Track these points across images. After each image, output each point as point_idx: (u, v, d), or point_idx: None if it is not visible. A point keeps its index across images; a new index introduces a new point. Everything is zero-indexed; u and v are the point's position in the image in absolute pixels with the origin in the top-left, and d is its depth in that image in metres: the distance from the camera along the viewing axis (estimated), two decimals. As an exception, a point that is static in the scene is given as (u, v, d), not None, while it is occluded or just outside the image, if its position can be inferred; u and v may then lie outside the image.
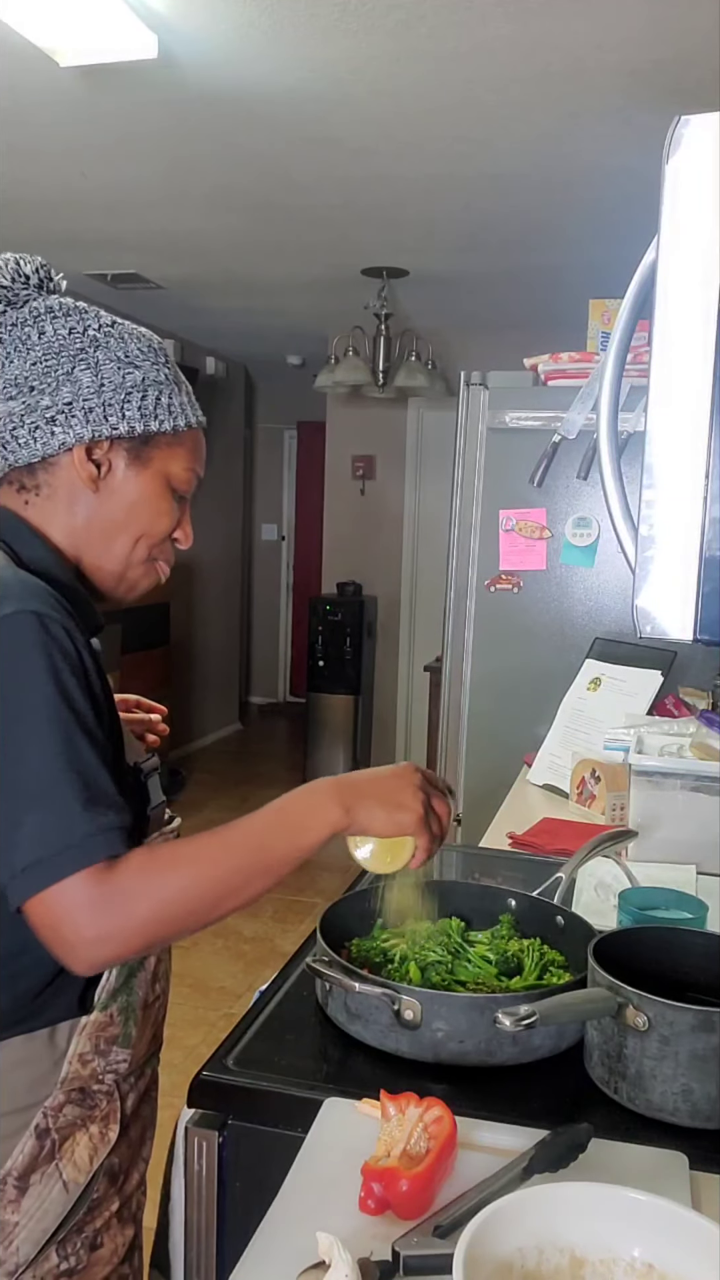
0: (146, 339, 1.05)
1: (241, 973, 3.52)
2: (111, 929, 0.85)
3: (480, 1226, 0.66)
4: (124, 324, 1.05)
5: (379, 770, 1.02)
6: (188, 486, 1.07)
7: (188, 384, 1.08)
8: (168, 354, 1.07)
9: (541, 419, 2.48)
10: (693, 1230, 0.68)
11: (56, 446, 1.00)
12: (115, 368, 1.01)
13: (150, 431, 1.02)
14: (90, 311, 1.04)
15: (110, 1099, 1.02)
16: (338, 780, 0.98)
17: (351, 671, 6.01)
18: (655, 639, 0.80)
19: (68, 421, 0.99)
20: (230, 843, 0.92)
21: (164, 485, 1.05)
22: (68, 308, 1.02)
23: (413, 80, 2.57)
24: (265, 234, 3.99)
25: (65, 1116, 0.98)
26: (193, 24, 2.31)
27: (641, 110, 2.68)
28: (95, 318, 1.03)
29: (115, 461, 1.02)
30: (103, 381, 1.00)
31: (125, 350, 1.02)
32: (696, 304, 0.76)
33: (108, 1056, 1.01)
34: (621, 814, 1.82)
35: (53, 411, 0.99)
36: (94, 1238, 1.02)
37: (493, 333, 5.29)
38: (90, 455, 1.01)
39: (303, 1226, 0.76)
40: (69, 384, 0.99)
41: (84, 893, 0.84)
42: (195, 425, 1.07)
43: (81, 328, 1.01)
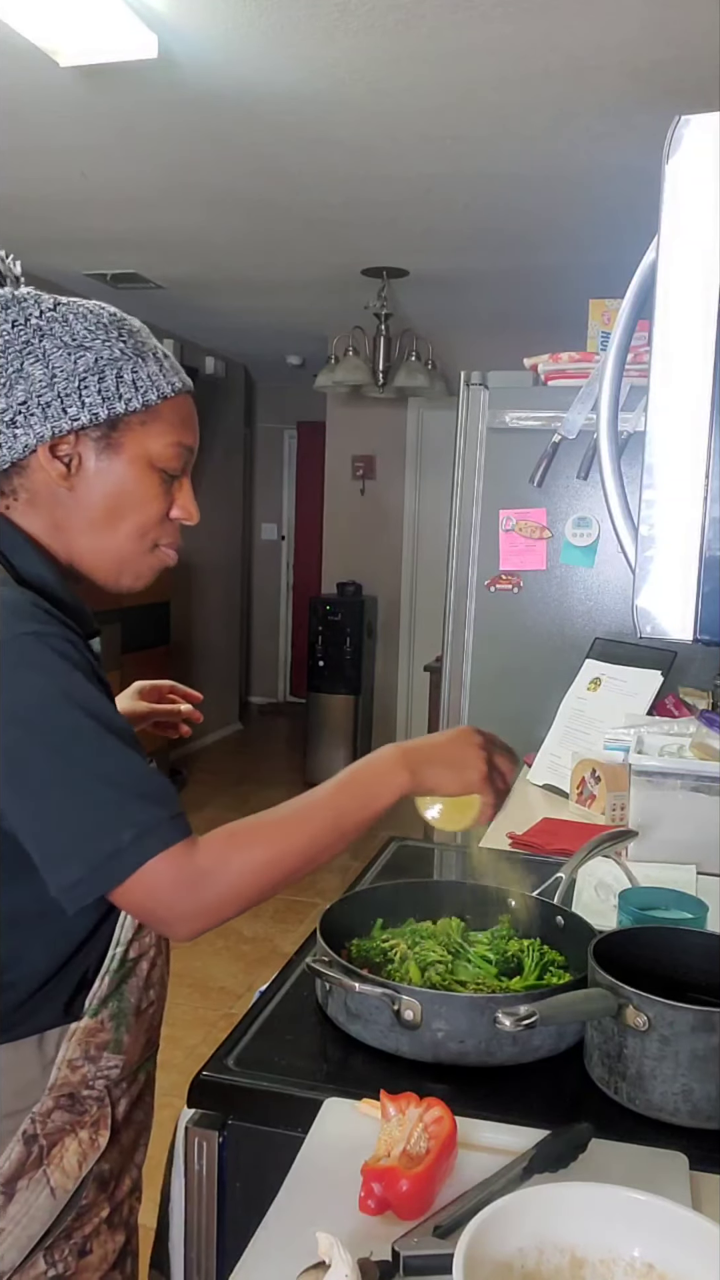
0: (94, 315, 0.98)
1: (241, 973, 3.52)
2: (203, 906, 0.89)
3: (480, 1227, 0.66)
4: (69, 303, 0.99)
5: (440, 734, 1.04)
6: (175, 461, 1.01)
7: (159, 348, 1.01)
8: (123, 325, 0.99)
9: (541, 419, 2.48)
10: (693, 1230, 0.68)
11: (21, 450, 0.96)
12: (64, 355, 0.95)
13: (116, 414, 0.96)
14: (30, 299, 0.98)
15: (101, 1105, 1.01)
16: (402, 746, 1.00)
17: (351, 671, 6.01)
18: (655, 639, 0.80)
19: (27, 422, 0.95)
20: (306, 814, 0.95)
21: (144, 467, 0.98)
22: (5, 299, 0.97)
23: (413, 80, 2.57)
24: (265, 234, 3.99)
25: (54, 1122, 0.97)
26: (193, 24, 2.31)
27: (641, 110, 2.68)
28: (35, 304, 0.97)
29: (84, 454, 0.97)
30: (54, 372, 0.94)
31: (72, 333, 0.96)
32: (697, 304, 0.75)
33: (98, 1062, 1.00)
34: (621, 814, 1.82)
35: (10, 414, 0.95)
36: (83, 1244, 1.00)
37: (493, 333, 5.29)
38: (55, 452, 0.96)
39: (303, 1226, 0.76)
40: (21, 382, 0.94)
41: (170, 874, 0.87)
42: (170, 394, 0.99)
43: (23, 318, 0.96)
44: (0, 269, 1.00)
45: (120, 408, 0.96)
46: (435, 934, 1.21)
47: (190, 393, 1.03)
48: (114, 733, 0.88)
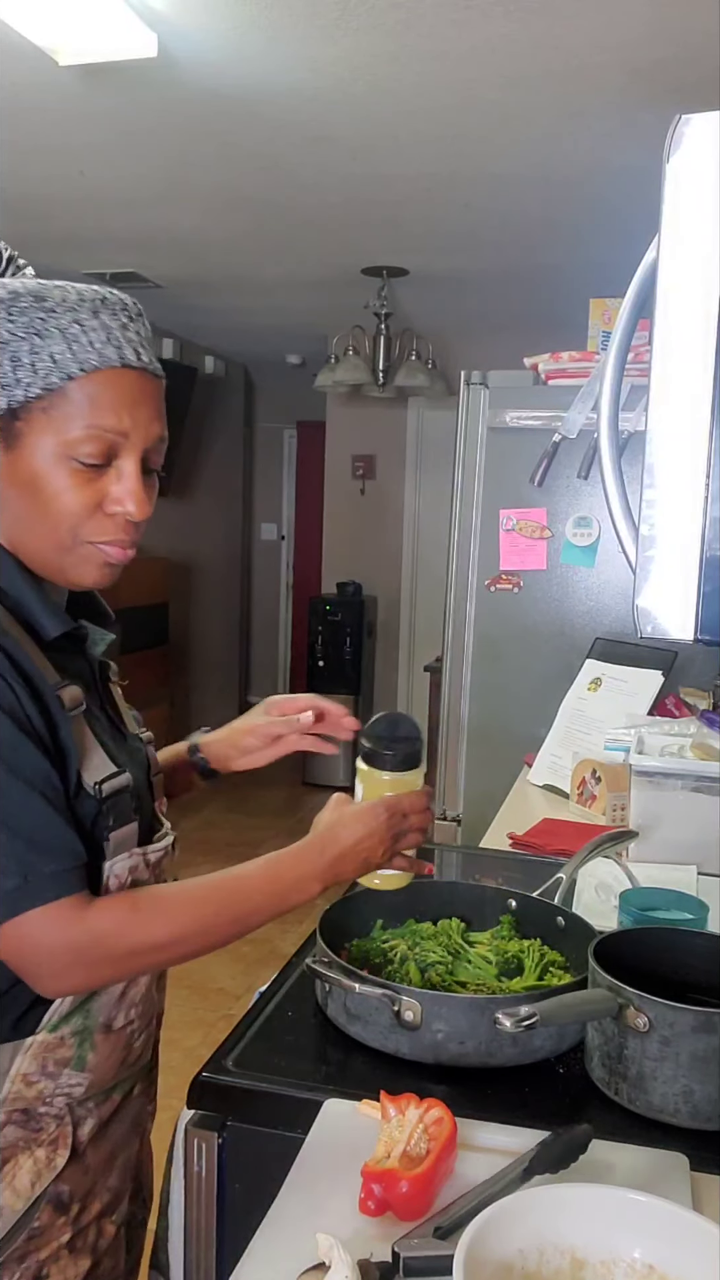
0: (8, 290, 0.89)
1: (241, 974, 3.51)
2: (82, 969, 0.88)
3: (481, 1228, 0.66)
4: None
5: (356, 823, 1.01)
6: (92, 447, 0.90)
7: (76, 324, 0.89)
8: (17, 303, 0.89)
9: (542, 418, 2.48)
10: (693, 1231, 0.68)
11: None
12: None
13: (17, 403, 0.88)
14: None
15: (60, 1123, 0.95)
16: (324, 856, 0.99)
17: (351, 671, 6.01)
18: (656, 639, 0.80)
19: None
20: (217, 900, 0.95)
21: (54, 457, 0.89)
22: None
23: (413, 79, 2.57)
24: (265, 233, 3.99)
25: (5, 1137, 0.93)
26: (193, 23, 2.31)
27: (642, 109, 2.67)
28: None
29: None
30: None
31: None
32: (697, 303, 0.75)
33: (57, 1079, 0.94)
34: (622, 814, 1.82)
35: None
36: (38, 1269, 0.95)
37: (493, 332, 5.29)
38: None
39: (302, 1228, 0.76)
40: None
41: (51, 931, 0.85)
42: (78, 372, 0.88)
43: None
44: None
45: (17, 394, 0.88)
46: (435, 935, 1.21)
47: (126, 366, 0.90)
48: (14, 772, 0.85)
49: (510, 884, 1.36)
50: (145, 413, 0.92)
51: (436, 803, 2.72)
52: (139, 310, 0.95)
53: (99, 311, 0.91)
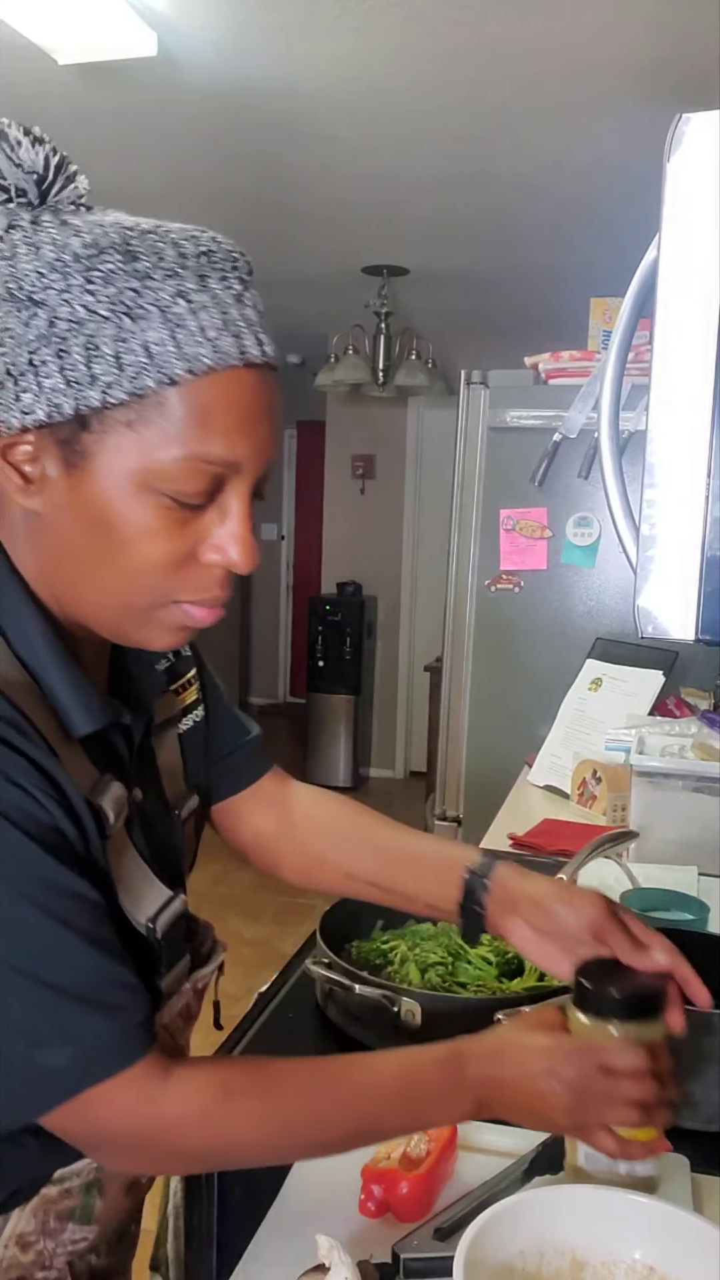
0: (53, 248, 0.63)
1: (241, 975, 3.50)
2: (152, 1155, 0.71)
3: (481, 1229, 0.66)
4: (34, 226, 0.64)
5: (539, 1059, 0.74)
6: (192, 482, 0.65)
7: (181, 299, 0.64)
8: (111, 260, 0.63)
9: (542, 418, 2.47)
10: (694, 1232, 0.68)
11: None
12: (12, 311, 0.63)
13: (87, 408, 0.63)
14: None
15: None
16: (472, 1083, 0.74)
17: (351, 671, 6.01)
18: (657, 639, 0.80)
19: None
20: (334, 1096, 0.72)
21: (135, 488, 0.65)
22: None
23: (413, 78, 2.57)
24: (265, 232, 3.99)
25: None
26: (192, 22, 2.30)
27: (642, 108, 2.67)
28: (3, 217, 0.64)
29: (47, 463, 0.66)
30: (1, 339, 0.63)
31: (19, 278, 0.63)
32: (698, 302, 0.75)
33: (59, 1236, 0.76)
34: (622, 815, 1.81)
35: None
36: None
37: (493, 331, 5.29)
38: (9, 458, 0.66)
39: (302, 1229, 0.76)
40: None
41: (123, 1105, 0.66)
42: (182, 375, 0.63)
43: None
44: (27, 196, 0.64)
45: (95, 398, 0.63)
46: (435, 935, 1.21)
47: (248, 365, 0.66)
48: (51, 912, 0.63)
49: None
50: (265, 431, 0.68)
51: (437, 803, 2.72)
52: (249, 266, 0.69)
53: (205, 274, 0.65)
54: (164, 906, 0.75)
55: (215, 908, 4.14)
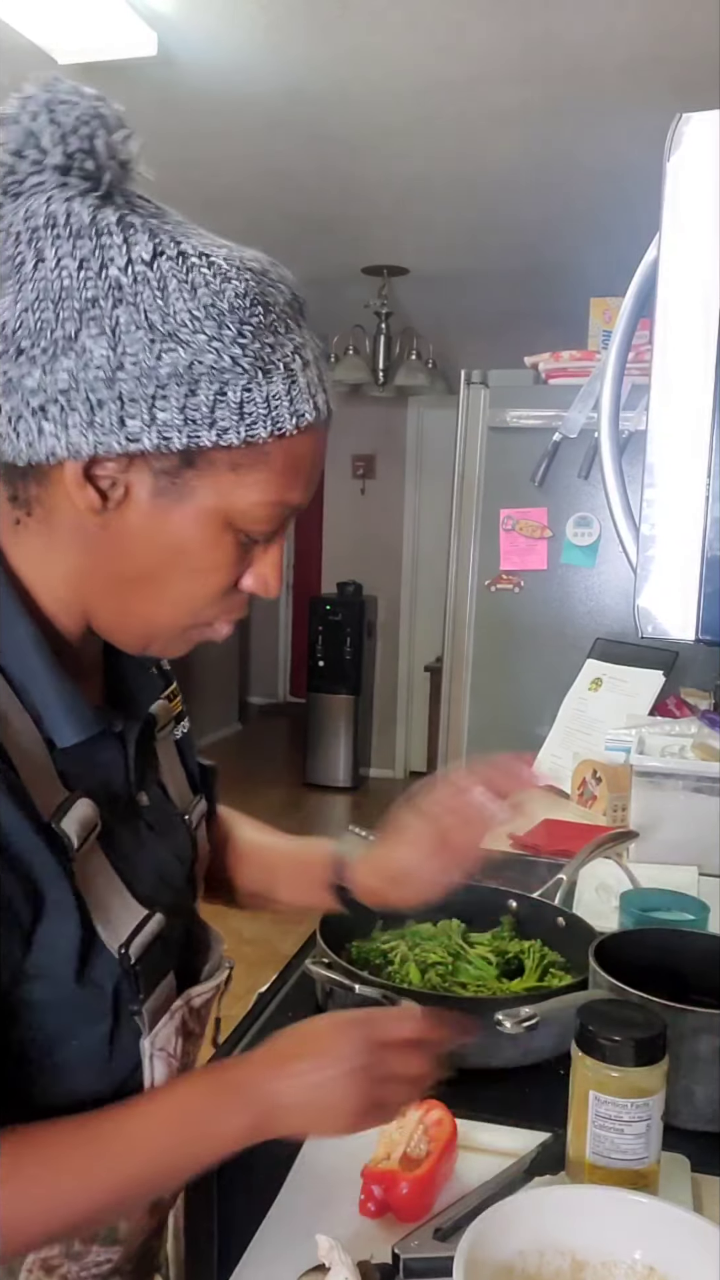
0: (208, 292, 0.63)
1: (241, 974, 3.50)
2: None
3: (481, 1229, 0.66)
4: (180, 259, 0.64)
5: (305, 1045, 0.73)
6: (267, 525, 0.70)
7: (298, 355, 0.68)
8: (256, 314, 0.65)
9: (542, 418, 2.47)
10: (694, 1232, 0.68)
11: (45, 453, 0.66)
12: (145, 340, 0.63)
13: (198, 446, 0.65)
14: (118, 233, 0.63)
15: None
16: (247, 1072, 0.72)
17: (351, 671, 6.01)
18: (657, 639, 0.80)
19: (63, 418, 0.64)
20: (114, 1156, 0.67)
21: (219, 525, 0.68)
22: (81, 223, 0.63)
23: (413, 79, 2.57)
24: (265, 232, 3.98)
25: None
26: (193, 22, 2.30)
27: (642, 108, 2.67)
28: (125, 246, 0.63)
29: (135, 486, 0.67)
30: (123, 360, 0.63)
31: (165, 311, 0.63)
32: (698, 302, 0.75)
33: (83, 1259, 0.74)
34: (622, 815, 1.81)
35: (42, 398, 0.64)
36: None
37: (493, 331, 5.28)
38: (91, 474, 0.66)
39: (302, 1229, 0.76)
40: (70, 357, 0.63)
41: None
42: (292, 430, 0.67)
43: (99, 262, 0.63)
44: (91, 141, 0.65)
45: (207, 439, 0.65)
46: (435, 935, 1.21)
47: (322, 421, 0.71)
48: None
49: (510, 884, 1.35)
50: (314, 482, 0.74)
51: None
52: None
53: (301, 324, 0.70)
54: (139, 928, 0.72)
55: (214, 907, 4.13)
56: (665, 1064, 0.79)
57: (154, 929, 0.73)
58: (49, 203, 0.63)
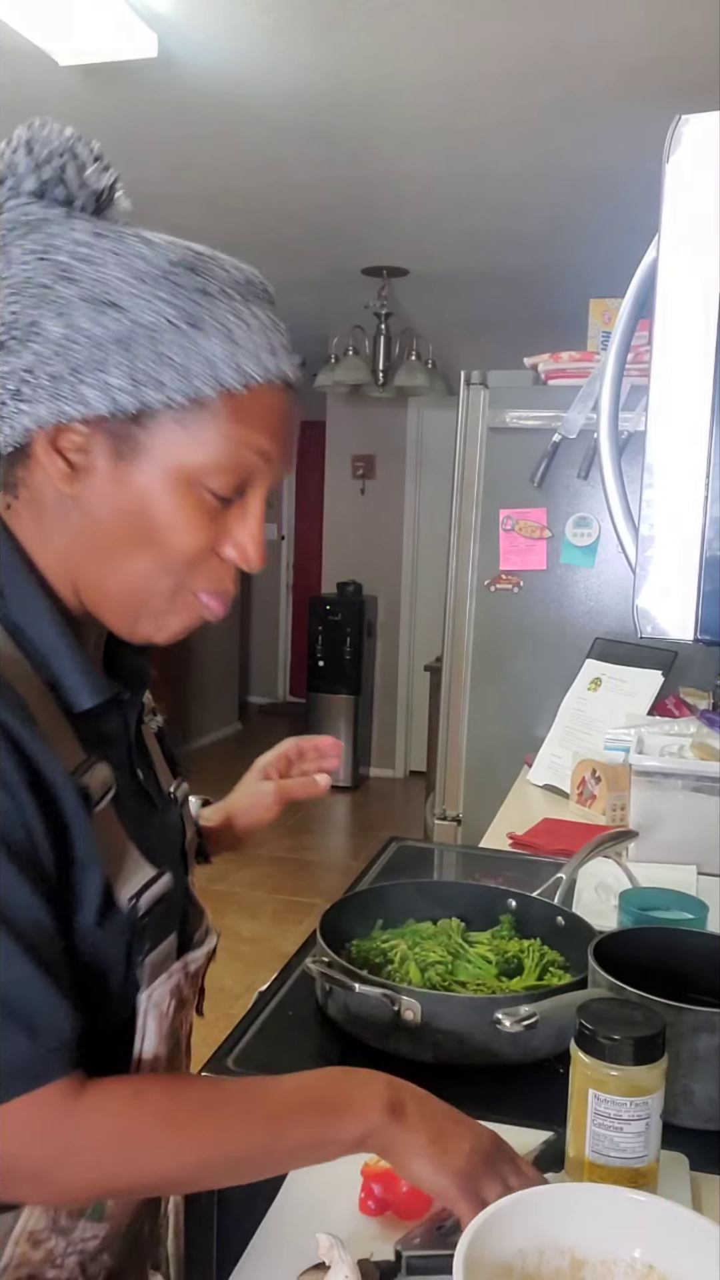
0: (141, 261, 0.70)
1: (241, 973, 3.51)
2: (54, 1180, 0.68)
3: (481, 1228, 0.66)
4: (119, 234, 0.71)
5: (452, 1111, 0.77)
6: (229, 479, 0.72)
7: (241, 320, 0.71)
8: (185, 278, 0.70)
9: (542, 418, 2.48)
10: (693, 1231, 0.68)
11: (20, 433, 0.71)
12: (89, 310, 0.68)
13: (146, 405, 0.70)
14: (63, 223, 0.70)
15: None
16: (398, 1086, 0.76)
17: (351, 671, 6.01)
18: (656, 639, 0.80)
19: (32, 396, 0.69)
20: (241, 1116, 0.72)
21: (178, 482, 0.71)
22: (34, 219, 0.70)
23: (413, 79, 2.57)
24: (265, 233, 3.99)
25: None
26: (193, 23, 2.31)
27: (642, 108, 2.67)
28: (68, 230, 0.70)
29: (96, 453, 0.71)
30: (71, 333, 0.68)
31: (103, 280, 0.69)
32: (697, 303, 0.75)
33: (70, 1235, 0.75)
34: (622, 814, 1.82)
35: (15, 381, 0.70)
36: None
37: (493, 332, 5.29)
38: (57, 445, 0.71)
39: (303, 1227, 0.76)
40: (34, 339, 0.69)
41: (31, 1127, 0.65)
42: (238, 385, 0.70)
43: (47, 248, 0.69)
44: (61, 170, 0.71)
45: (153, 398, 0.69)
46: (435, 935, 1.21)
47: (284, 383, 0.74)
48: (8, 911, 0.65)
49: (510, 884, 1.36)
50: (290, 442, 0.76)
51: (437, 803, 2.72)
52: (273, 298, 0.78)
53: (250, 300, 0.74)
54: (148, 884, 0.76)
55: (214, 905, 4.13)
56: (664, 1063, 0.79)
57: (162, 888, 0.77)
58: (15, 213, 0.71)
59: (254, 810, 1.12)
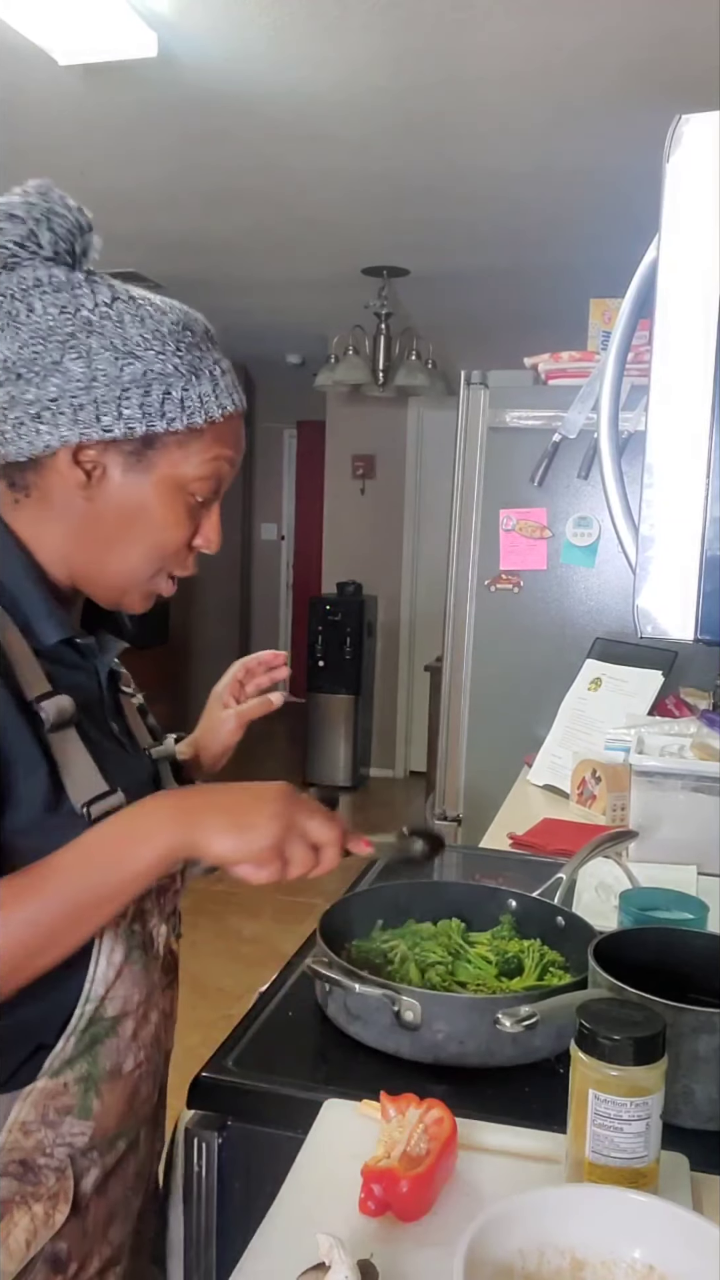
0: (153, 320, 0.90)
1: (241, 973, 3.51)
2: None
3: (481, 1229, 0.66)
4: (130, 300, 0.91)
5: (237, 785, 0.88)
6: (207, 489, 0.93)
7: (219, 365, 0.94)
8: (183, 336, 0.91)
9: (542, 418, 2.48)
10: (694, 1231, 0.68)
11: (41, 447, 0.88)
12: (110, 358, 0.87)
13: (153, 432, 0.89)
14: (85, 287, 0.89)
15: (61, 1176, 0.88)
16: (175, 793, 0.91)
17: (351, 671, 6.01)
18: (656, 639, 0.80)
19: (54, 420, 0.87)
20: (45, 880, 0.81)
21: (173, 489, 0.91)
22: (59, 281, 0.88)
23: (413, 78, 2.57)
24: (265, 233, 3.99)
25: (1, 1191, 0.86)
26: (193, 22, 2.31)
27: (641, 108, 2.67)
28: (91, 294, 0.89)
29: (109, 466, 0.90)
30: (95, 375, 0.87)
31: (124, 336, 0.88)
32: (697, 303, 0.75)
33: (58, 1128, 0.88)
34: (622, 814, 1.82)
35: (37, 407, 0.87)
36: None
37: (493, 332, 5.29)
38: (78, 458, 0.89)
39: (303, 1228, 0.76)
40: (57, 375, 0.87)
41: None
42: (218, 418, 0.92)
43: (73, 307, 0.88)
44: (72, 242, 0.90)
45: (160, 426, 0.89)
46: (435, 935, 1.21)
47: (239, 412, 0.95)
48: None
49: (510, 884, 1.36)
50: (239, 456, 0.97)
51: (437, 803, 2.72)
52: None
53: (214, 347, 0.95)
54: (101, 796, 0.88)
55: (214, 905, 4.14)
56: (664, 1063, 0.79)
57: (113, 804, 0.88)
58: (34, 270, 0.89)
59: (219, 738, 1.19)
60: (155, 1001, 0.97)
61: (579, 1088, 0.80)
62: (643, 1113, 0.77)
